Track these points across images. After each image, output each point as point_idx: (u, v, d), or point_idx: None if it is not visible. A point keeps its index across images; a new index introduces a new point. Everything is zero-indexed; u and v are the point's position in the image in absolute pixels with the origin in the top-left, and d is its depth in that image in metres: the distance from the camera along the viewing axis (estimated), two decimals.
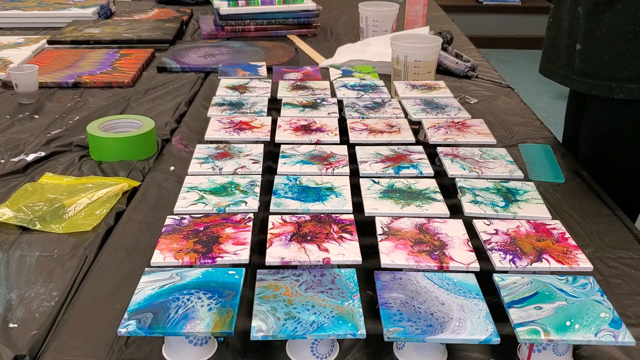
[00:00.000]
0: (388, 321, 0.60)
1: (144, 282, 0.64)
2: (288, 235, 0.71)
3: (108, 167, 1.00)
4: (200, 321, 0.59)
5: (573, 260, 0.68)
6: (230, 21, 1.74)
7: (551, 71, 1.11)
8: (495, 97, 1.31)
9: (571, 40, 1.04)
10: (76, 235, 0.82)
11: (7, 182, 0.96)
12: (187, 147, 1.08)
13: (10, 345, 0.62)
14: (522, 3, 4.56)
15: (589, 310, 0.61)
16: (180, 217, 0.75)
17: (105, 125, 1.06)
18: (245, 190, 0.81)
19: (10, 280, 0.73)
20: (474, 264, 0.67)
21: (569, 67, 1.06)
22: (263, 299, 0.62)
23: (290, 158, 0.91)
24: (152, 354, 0.62)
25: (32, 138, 1.10)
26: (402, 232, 0.73)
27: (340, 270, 0.67)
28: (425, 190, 0.83)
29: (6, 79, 1.34)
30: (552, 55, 1.11)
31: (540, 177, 0.97)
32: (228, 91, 1.16)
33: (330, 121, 1.03)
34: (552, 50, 1.11)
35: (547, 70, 1.13)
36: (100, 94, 1.32)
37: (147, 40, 1.65)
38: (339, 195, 0.80)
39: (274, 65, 1.40)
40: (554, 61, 1.10)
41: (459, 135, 0.98)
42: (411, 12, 1.69)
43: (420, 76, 1.21)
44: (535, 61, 1.26)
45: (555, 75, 1.10)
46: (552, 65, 1.11)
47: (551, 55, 1.11)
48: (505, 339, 0.61)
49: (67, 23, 1.78)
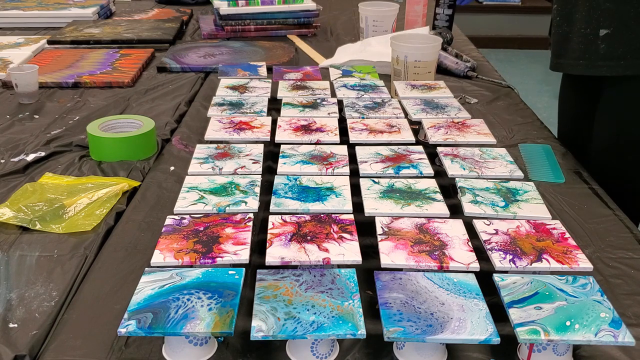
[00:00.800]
0: (388, 321, 0.60)
1: (144, 282, 0.64)
2: (288, 235, 0.71)
3: (108, 167, 1.00)
4: (200, 321, 0.59)
5: (573, 260, 0.68)
6: (230, 21, 1.74)
7: (568, 65, 1.12)
8: (495, 97, 1.31)
9: (590, 29, 1.05)
10: (76, 235, 0.82)
11: (7, 182, 0.96)
12: (187, 147, 1.08)
13: (10, 345, 0.62)
14: (522, 3, 4.56)
15: (589, 310, 0.61)
16: (180, 217, 0.75)
17: (105, 125, 1.06)
18: (245, 190, 0.81)
19: (10, 280, 0.73)
20: (474, 264, 0.67)
21: (590, 55, 1.06)
22: (263, 299, 0.62)
23: (290, 158, 0.91)
24: (152, 354, 0.62)
25: (32, 138, 1.10)
26: (402, 232, 0.73)
27: (340, 270, 0.67)
28: (425, 190, 0.83)
29: (6, 79, 1.34)
30: (565, 51, 1.11)
31: (540, 177, 0.97)
32: (228, 91, 1.16)
33: (330, 121, 1.03)
34: (564, 45, 1.11)
35: (561, 66, 1.14)
36: (100, 94, 1.32)
37: (147, 40, 1.65)
38: (339, 195, 0.80)
39: (274, 65, 1.40)
40: (568, 55, 1.11)
41: (459, 135, 0.98)
42: (411, 12, 1.69)
43: (420, 76, 1.21)
44: (535, 61, 1.26)
45: (574, 67, 1.10)
46: (567, 60, 1.11)
47: (563, 51, 1.12)
48: (505, 339, 0.61)
49: (67, 23, 1.78)
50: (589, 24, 1.05)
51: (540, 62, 4.14)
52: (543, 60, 4.12)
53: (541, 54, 4.25)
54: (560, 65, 1.14)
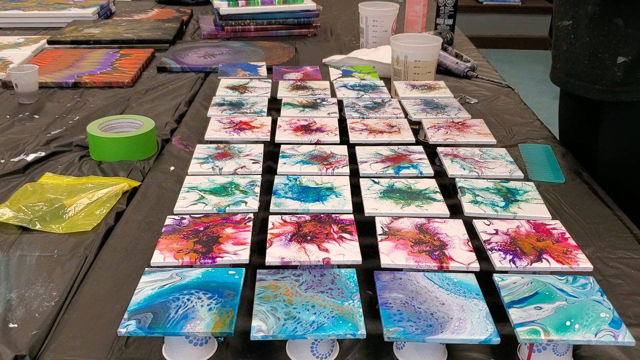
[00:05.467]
0: (388, 321, 0.60)
1: (144, 282, 0.64)
2: (288, 235, 0.71)
3: (108, 167, 1.00)
4: (200, 321, 0.59)
5: (573, 260, 0.68)
6: (230, 21, 1.74)
7: (581, 87, 1.08)
8: (495, 97, 1.31)
9: (608, 54, 1.01)
10: (76, 235, 0.82)
11: (7, 182, 0.96)
12: (187, 147, 1.08)
13: (10, 345, 0.62)
14: (522, 3, 4.56)
15: (589, 310, 0.61)
16: (180, 217, 0.75)
17: (105, 125, 1.06)
18: (245, 190, 0.81)
19: (10, 280, 0.73)
20: (474, 264, 0.67)
21: (606, 81, 1.03)
22: (263, 299, 0.62)
23: (290, 158, 0.91)
24: (152, 354, 0.62)
25: (32, 138, 1.10)
26: (402, 232, 0.73)
27: (340, 270, 0.67)
28: (425, 190, 0.83)
29: (6, 79, 1.34)
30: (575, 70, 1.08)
31: (540, 177, 0.97)
32: (228, 91, 1.16)
33: (330, 121, 1.03)
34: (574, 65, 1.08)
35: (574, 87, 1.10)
36: (100, 94, 1.32)
37: (147, 40, 1.65)
38: (339, 195, 0.80)
39: (274, 65, 1.40)
40: (580, 76, 1.07)
41: (459, 135, 0.98)
42: (411, 12, 1.69)
43: (420, 76, 1.21)
44: (535, 61, 1.26)
45: (589, 90, 1.07)
46: (581, 82, 1.08)
47: (573, 71, 1.08)
48: (505, 339, 0.61)
49: (67, 23, 1.78)
50: (606, 49, 1.01)
51: (540, 62, 4.13)
52: (543, 60, 4.12)
53: (541, 54, 4.25)
54: (573, 85, 1.10)
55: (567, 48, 1.09)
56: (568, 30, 1.08)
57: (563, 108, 1.26)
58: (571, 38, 1.08)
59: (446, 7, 1.65)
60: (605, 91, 1.04)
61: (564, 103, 1.25)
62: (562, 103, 1.26)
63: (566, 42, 1.09)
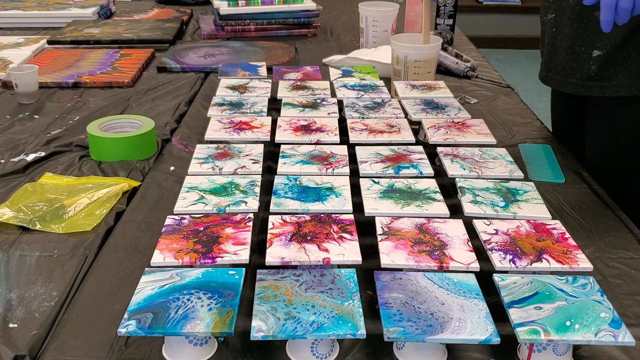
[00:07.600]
0: (388, 321, 0.60)
1: (144, 282, 0.64)
2: (288, 235, 0.71)
3: (108, 167, 1.00)
4: (200, 321, 0.59)
5: (573, 260, 0.68)
6: (230, 21, 1.74)
7: (557, 81, 1.09)
8: (495, 97, 1.31)
9: (585, 47, 1.02)
10: (76, 235, 0.82)
11: (7, 182, 0.96)
12: (187, 147, 1.08)
13: (10, 345, 0.62)
14: (522, 3, 4.56)
15: (589, 310, 0.61)
16: (180, 217, 0.75)
17: (105, 125, 1.06)
18: (245, 190, 0.81)
19: (10, 280, 0.73)
20: (474, 264, 0.67)
21: (581, 74, 1.03)
22: (263, 299, 0.62)
23: (290, 158, 0.91)
24: (152, 354, 0.62)
25: (32, 138, 1.10)
26: (402, 232, 0.73)
27: (340, 270, 0.67)
28: (425, 190, 0.83)
29: (6, 79, 1.34)
30: (554, 64, 1.09)
31: (540, 177, 0.97)
32: (228, 91, 1.16)
33: (330, 121, 1.03)
34: (554, 59, 1.08)
35: (550, 80, 1.11)
36: (100, 94, 1.32)
37: (147, 40, 1.65)
38: (339, 195, 0.80)
39: (274, 65, 1.40)
40: (557, 70, 1.08)
41: (459, 135, 0.98)
42: (411, 12, 1.69)
43: (420, 76, 1.21)
44: (535, 61, 1.26)
45: (563, 84, 1.08)
46: (557, 75, 1.09)
47: (553, 64, 1.09)
48: (505, 339, 0.61)
49: (67, 23, 1.78)
50: (584, 41, 1.02)
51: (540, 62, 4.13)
52: None
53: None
54: (549, 79, 1.11)
55: (549, 42, 1.10)
56: (551, 24, 1.09)
57: (554, 103, 1.26)
58: (553, 31, 1.08)
59: (446, 7, 1.65)
60: (579, 85, 1.05)
61: (554, 98, 1.26)
62: (553, 98, 1.27)
63: (549, 35, 1.10)
